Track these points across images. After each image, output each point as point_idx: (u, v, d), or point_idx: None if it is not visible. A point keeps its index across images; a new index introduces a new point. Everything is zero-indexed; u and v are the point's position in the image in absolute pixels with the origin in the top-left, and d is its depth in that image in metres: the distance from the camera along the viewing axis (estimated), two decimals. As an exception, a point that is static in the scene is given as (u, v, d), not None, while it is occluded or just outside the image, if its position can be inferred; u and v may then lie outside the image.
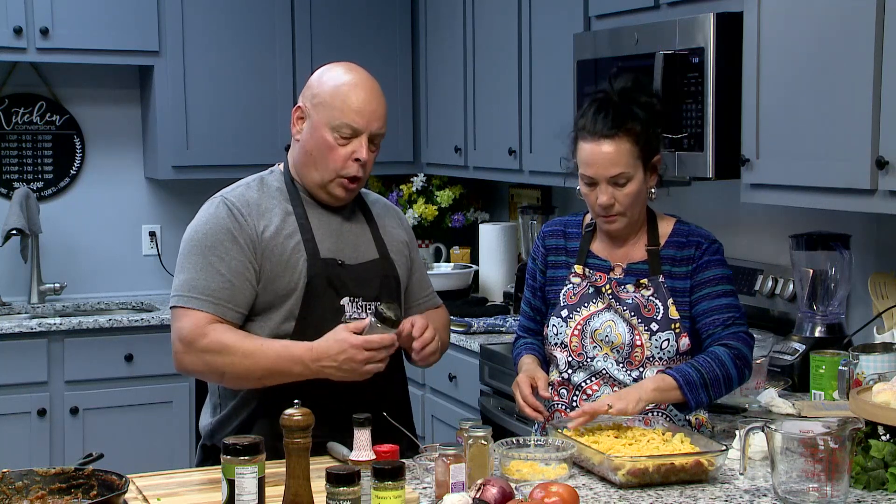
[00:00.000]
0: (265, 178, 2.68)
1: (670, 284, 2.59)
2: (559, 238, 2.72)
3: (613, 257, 2.65)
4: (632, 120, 2.53)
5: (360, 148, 2.56)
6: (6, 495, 2.13)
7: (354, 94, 2.56)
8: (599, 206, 2.56)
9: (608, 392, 2.57)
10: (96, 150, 5.17)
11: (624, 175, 2.53)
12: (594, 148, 2.53)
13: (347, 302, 2.59)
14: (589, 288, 2.64)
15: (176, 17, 4.84)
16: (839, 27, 2.72)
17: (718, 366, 2.50)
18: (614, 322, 2.59)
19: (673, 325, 2.57)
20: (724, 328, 2.55)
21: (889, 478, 2.22)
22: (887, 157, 2.59)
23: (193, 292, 2.52)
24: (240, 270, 2.53)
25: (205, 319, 2.50)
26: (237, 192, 2.64)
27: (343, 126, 2.55)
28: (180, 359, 2.55)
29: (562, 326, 2.64)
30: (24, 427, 4.52)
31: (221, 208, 2.59)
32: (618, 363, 2.59)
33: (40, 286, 4.95)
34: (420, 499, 2.22)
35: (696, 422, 2.66)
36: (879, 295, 3.09)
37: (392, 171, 5.31)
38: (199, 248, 2.56)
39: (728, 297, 2.58)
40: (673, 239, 2.63)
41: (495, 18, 4.48)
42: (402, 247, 2.76)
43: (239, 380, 2.54)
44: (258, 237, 2.56)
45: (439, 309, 2.86)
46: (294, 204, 2.62)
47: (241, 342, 2.49)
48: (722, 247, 2.63)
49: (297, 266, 2.55)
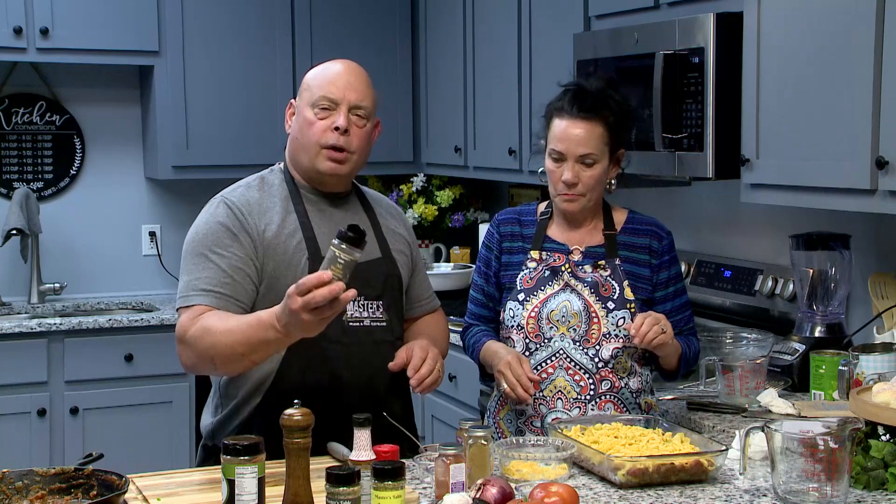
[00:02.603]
0: (266, 178, 2.69)
1: (627, 268, 2.71)
2: (514, 225, 2.81)
3: (571, 241, 2.75)
4: (607, 108, 2.66)
5: (339, 116, 2.58)
6: (6, 495, 2.13)
7: (334, 73, 2.63)
8: (563, 182, 2.66)
9: (563, 375, 2.66)
10: (96, 150, 5.17)
11: (592, 156, 2.65)
12: (569, 126, 2.65)
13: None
14: (545, 271, 2.72)
15: (176, 17, 4.85)
16: (839, 27, 2.72)
17: (693, 355, 2.79)
18: (570, 301, 2.68)
19: (629, 304, 2.68)
20: (686, 324, 2.78)
21: (889, 478, 2.22)
22: (887, 157, 2.59)
23: (194, 290, 2.53)
24: (239, 266, 2.53)
25: (199, 310, 2.50)
26: (238, 192, 2.64)
27: (320, 99, 2.59)
28: (179, 355, 2.55)
29: (518, 309, 2.70)
30: (24, 427, 4.52)
31: (222, 208, 2.60)
32: (574, 342, 2.66)
33: (40, 286, 4.95)
34: (420, 499, 2.22)
35: (646, 405, 2.74)
36: (879, 295, 3.09)
37: (392, 171, 5.32)
38: (199, 248, 2.56)
39: (684, 296, 2.80)
40: (628, 226, 2.76)
41: (495, 18, 4.48)
42: (403, 247, 2.76)
43: (227, 361, 2.46)
44: (259, 236, 2.56)
45: (437, 314, 2.86)
46: (295, 202, 2.62)
47: (221, 321, 2.46)
48: (673, 237, 2.80)
49: (299, 264, 2.56)
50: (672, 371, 2.75)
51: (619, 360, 2.67)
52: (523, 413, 2.70)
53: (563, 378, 2.66)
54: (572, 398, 2.66)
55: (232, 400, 2.62)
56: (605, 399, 2.66)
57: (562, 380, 2.66)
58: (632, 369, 2.70)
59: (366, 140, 2.64)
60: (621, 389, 2.68)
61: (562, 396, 2.66)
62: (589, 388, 2.66)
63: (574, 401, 2.66)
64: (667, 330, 2.59)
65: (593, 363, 2.66)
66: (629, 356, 2.69)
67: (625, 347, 2.67)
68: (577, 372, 2.66)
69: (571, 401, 2.66)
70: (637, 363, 2.71)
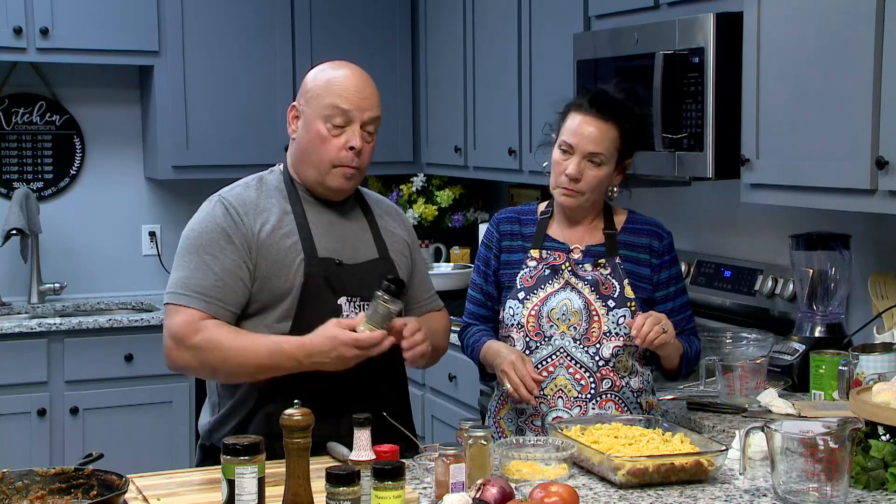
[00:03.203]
0: (264, 178, 2.68)
1: (627, 267, 2.71)
2: (514, 224, 2.81)
3: (571, 240, 2.75)
4: (624, 116, 2.67)
5: (354, 136, 2.57)
6: (6, 495, 2.13)
7: (344, 82, 2.58)
8: (566, 175, 2.66)
9: (564, 374, 2.65)
10: (96, 150, 5.17)
11: (600, 156, 2.65)
12: (585, 122, 2.66)
13: (345, 302, 2.58)
14: (545, 270, 2.72)
15: (176, 17, 4.85)
16: (839, 27, 2.72)
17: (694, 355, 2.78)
18: (570, 300, 2.68)
19: (629, 303, 2.68)
20: (687, 323, 2.78)
21: (889, 478, 2.22)
22: (887, 157, 2.59)
23: (186, 290, 2.53)
24: (232, 269, 2.53)
25: (196, 316, 2.51)
26: (235, 191, 2.64)
27: (334, 114, 2.56)
28: (171, 355, 2.56)
29: (518, 308, 2.70)
30: (24, 427, 4.52)
31: (218, 208, 2.60)
32: (575, 340, 2.66)
33: (40, 286, 4.95)
34: (420, 499, 2.22)
35: (647, 405, 2.73)
36: (879, 295, 3.09)
37: (392, 171, 5.32)
38: (194, 247, 2.57)
39: (685, 295, 2.80)
40: (628, 226, 2.77)
41: (495, 18, 4.48)
42: (403, 247, 2.75)
43: (232, 376, 2.55)
44: (254, 236, 2.56)
45: (440, 312, 2.85)
46: (293, 202, 2.62)
47: (234, 339, 2.50)
48: (673, 238, 2.80)
49: (293, 265, 2.55)
50: (673, 371, 2.75)
51: (619, 358, 2.67)
52: (524, 412, 2.70)
53: (564, 376, 2.66)
54: (573, 397, 2.66)
55: (229, 399, 2.62)
56: (606, 398, 2.66)
57: (562, 378, 2.66)
58: (633, 368, 2.70)
59: (372, 151, 2.64)
60: (622, 389, 2.68)
61: (562, 395, 2.66)
62: (590, 386, 2.66)
63: (575, 399, 2.66)
64: (668, 329, 2.58)
65: (594, 361, 2.66)
66: (630, 355, 2.69)
67: (625, 346, 2.67)
68: (578, 370, 2.66)
69: (572, 399, 2.66)
70: (638, 362, 2.71)
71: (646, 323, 2.56)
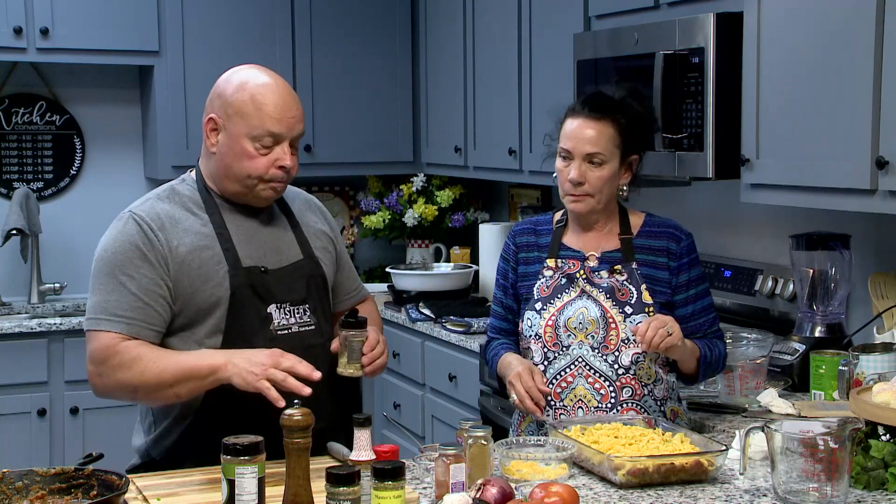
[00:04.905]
0: (176, 188, 2.58)
1: (644, 272, 2.67)
2: (530, 235, 2.78)
3: (586, 247, 2.71)
4: (619, 112, 2.64)
5: (284, 155, 2.48)
6: (6, 495, 2.13)
7: (271, 101, 2.48)
8: (570, 181, 2.63)
9: (583, 384, 2.62)
10: (96, 150, 5.17)
11: (599, 156, 2.62)
12: (580, 125, 2.63)
13: (275, 309, 2.51)
14: (561, 279, 2.68)
15: (176, 17, 4.85)
16: (839, 27, 2.72)
17: (715, 359, 2.71)
18: (587, 308, 2.64)
19: (647, 308, 2.63)
20: (710, 327, 2.72)
21: (889, 478, 2.22)
22: (887, 157, 2.59)
23: (105, 314, 2.44)
24: (151, 288, 2.44)
25: (116, 339, 2.42)
26: (146, 205, 2.53)
27: (264, 136, 2.47)
28: (94, 381, 2.46)
29: (536, 318, 2.68)
30: (24, 427, 4.52)
31: (130, 225, 2.49)
32: (593, 349, 2.62)
33: (40, 286, 4.95)
34: (420, 499, 2.22)
35: (672, 413, 2.69)
36: (879, 295, 3.09)
37: (392, 171, 5.32)
38: (109, 268, 2.46)
39: (707, 297, 2.73)
40: (645, 229, 2.72)
41: (495, 18, 4.48)
42: (325, 242, 2.67)
43: (150, 392, 2.42)
44: (171, 252, 2.46)
45: (368, 301, 2.81)
46: (210, 212, 2.52)
47: (151, 349, 2.42)
48: (694, 239, 2.75)
49: (216, 277, 2.47)
50: (691, 374, 2.68)
51: (640, 365, 2.62)
52: (543, 424, 2.63)
53: (583, 386, 2.61)
54: (593, 406, 2.61)
55: (166, 419, 2.52)
56: (627, 406, 2.61)
57: (582, 388, 2.61)
58: (657, 376, 2.64)
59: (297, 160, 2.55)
60: (644, 397, 2.62)
61: (582, 405, 2.61)
62: (610, 395, 2.61)
63: (595, 409, 2.60)
64: (674, 332, 2.53)
65: (613, 370, 2.61)
66: (652, 361, 2.63)
67: (646, 353, 2.60)
68: (598, 380, 2.61)
69: (592, 409, 2.60)
70: (662, 369, 2.66)
71: (649, 327, 2.51)
